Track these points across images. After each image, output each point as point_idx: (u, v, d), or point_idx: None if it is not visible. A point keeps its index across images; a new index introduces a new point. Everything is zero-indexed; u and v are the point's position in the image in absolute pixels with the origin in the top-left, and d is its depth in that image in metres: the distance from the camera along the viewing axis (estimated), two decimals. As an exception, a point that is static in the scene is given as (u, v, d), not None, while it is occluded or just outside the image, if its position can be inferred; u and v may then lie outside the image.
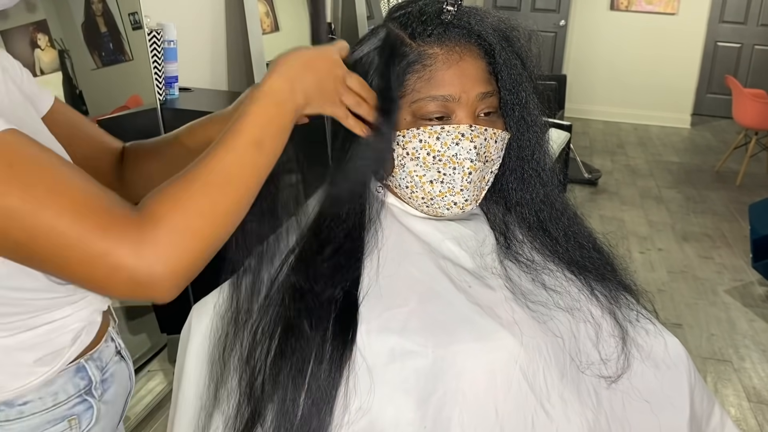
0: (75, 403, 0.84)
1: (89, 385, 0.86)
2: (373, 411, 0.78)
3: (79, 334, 0.84)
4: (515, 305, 0.88)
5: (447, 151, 0.87)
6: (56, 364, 0.81)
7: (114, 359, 0.92)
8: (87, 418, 0.86)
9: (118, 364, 0.93)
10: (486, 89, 0.88)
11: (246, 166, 0.72)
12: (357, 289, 0.82)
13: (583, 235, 0.98)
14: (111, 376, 0.90)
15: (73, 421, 0.84)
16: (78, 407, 0.85)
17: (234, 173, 0.71)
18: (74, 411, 0.84)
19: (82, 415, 0.85)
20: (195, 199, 0.68)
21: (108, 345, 0.91)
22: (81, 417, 0.85)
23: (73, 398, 0.84)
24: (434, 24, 0.88)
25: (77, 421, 0.84)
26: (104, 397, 0.89)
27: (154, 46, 2.18)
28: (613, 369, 0.92)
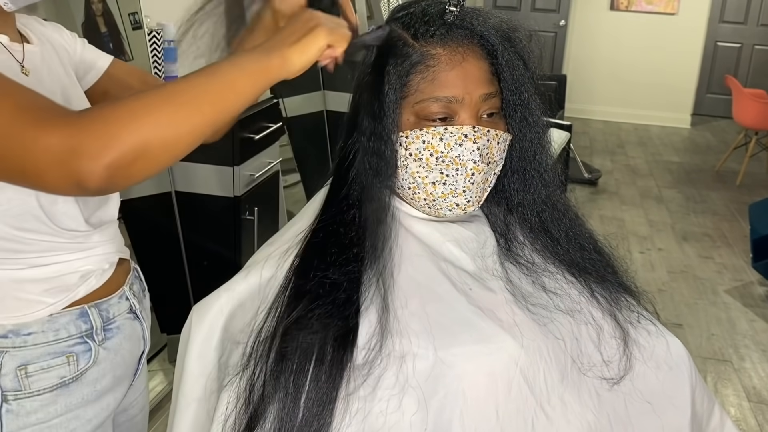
0: (75, 343, 0.92)
1: (90, 330, 0.94)
2: (374, 413, 0.78)
3: (87, 276, 0.92)
4: (516, 307, 0.88)
5: (450, 152, 0.87)
6: (62, 298, 0.90)
7: (125, 315, 0.99)
8: (85, 359, 0.94)
9: (129, 321, 1.00)
10: (489, 90, 0.88)
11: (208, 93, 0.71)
12: (358, 291, 0.82)
13: (585, 237, 0.98)
14: (117, 328, 0.98)
15: (71, 357, 0.92)
16: (77, 347, 0.93)
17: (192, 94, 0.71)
18: (73, 350, 0.92)
19: (81, 354, 0.93)
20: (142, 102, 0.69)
21: (120, 301, 0.99)
22: (79, 356, 0.93)
23: (74, 338, 0.92)
24: (437, 24, 0.87)
25: (75, 359, 0.92)
26: (105, 343, 0.96)
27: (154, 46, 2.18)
28: (615, 371, 0.91)
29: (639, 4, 7.12)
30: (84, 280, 0.92)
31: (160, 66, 2.23)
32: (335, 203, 0.88)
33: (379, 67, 0.87)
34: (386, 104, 0.86)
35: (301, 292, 0.82)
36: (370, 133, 0.86)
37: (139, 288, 1.07)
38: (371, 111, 0.86)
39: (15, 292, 0.87)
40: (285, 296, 0.82)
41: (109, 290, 0.97)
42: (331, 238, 0.85)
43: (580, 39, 7.29)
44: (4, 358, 0.87)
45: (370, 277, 0.83)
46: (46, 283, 0.88)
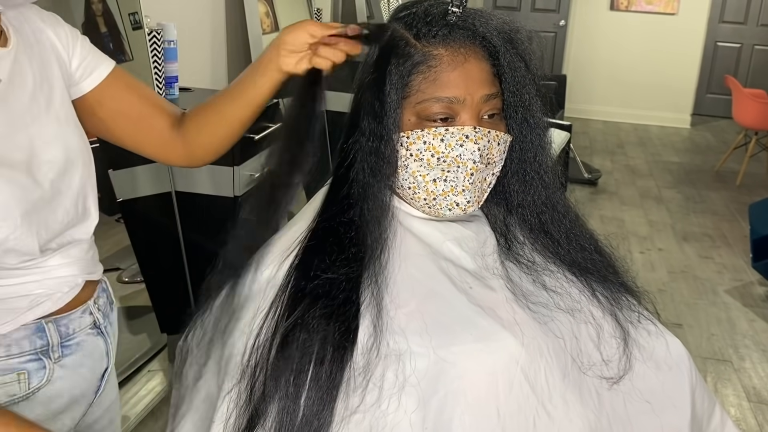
0: (28, 359, 0.87)
1: (46, 347, 0.88)
2: (374, 411, 0.78)
3: (39, 300, 0.86)
4: (516, 306, 0.88)
5: (451, 152, 0.87)
6: (8, 320, 0.83)
7: (87, 330, 0.94)
8: (38, 377, 0.88)
9: (91, 337, 0.95)
10: (490, 91, 0.88)
11: None
12: (358, 291, 0.82)
13: (585, 237, 0.98)
14: (77, 345, 0.92)
15: (22, 375, 0.86)
16: (30, 364, 0.87)
17: None
18: (26, 367, 0.87)
19: (33, 372, 0.87)
20: None
21: (83, 316, 0.93)
22: (31, 374, 0.87)
23: (26, 354, 0.86)
24: (439, 25, 0.88)
25: (26, 377, 0.87)
26: (63, 360, 0.90)
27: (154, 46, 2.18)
28: (615, 370, 0.92)
29: (639, 4, 7.12)
30: (35, 303, 0.86)
31: (160, 66, 2.23)
32: (335, 203, 0.88)
33: (381, 67, 0.87)
34: (387, 104, 0.86)
35: (300, 292, 0.81)
36: (371, 133, 0.86)
37: (106, 302, 1.01)
38: (372, 111, 0.86)
39: None
40: (285, 296, 0.82)
41: (70, 306, 0.91)
42: (330, 238, 0.85)
43: (580, 39, 7.29)
44: None
45: (370, 277, 0.83)
46: None
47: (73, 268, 0.91)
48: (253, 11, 2.73)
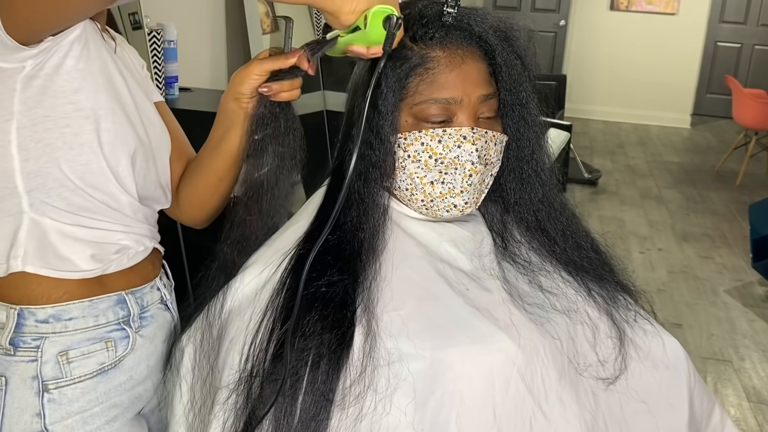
0: (113, 329, 0.93)
1: (128, 317, 0.95)
2: (371, 414, 0.78)
3: (122, 252, 0.94)
4: (513, 307, 0.88)
5: (448, 153, 0.87)
6: (95, 268, 0.91)
7: (157, 305, 1.01)
8: (123, 345, 0.95)
9: (161, 311, 1.02)
10: (487, 91, 0.88)
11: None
12: (354, 292, 0.82)
13: (582, 235, 0.98)
14: (151, 317, 0.99)
15: (109, 343, 0.93)
16: (115, 333, 0.94)
17: None
18: (112, 335, 0.93)
19: (119, 341, 0.94)
20: None
21: (152, 291, 1.01)
22: (117, 342, 0.94)
23: (111, 324, 0.93)
24: (435, 27, 0.87)
25: (113, 345, 0.93)
26: (141, 331, 0.97)
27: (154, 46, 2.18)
28: (611, 370, 0.92)
29: (639, 4, 7.12)
30: (118, 255, 0.93)
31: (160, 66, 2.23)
32: (332, 204, 0.88)
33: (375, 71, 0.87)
34: (384, 106, 0.86)
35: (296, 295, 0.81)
36: (368, 134, 0.86)
37: (168, 282, 1.08)
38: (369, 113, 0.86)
39: (58, 244, 0.88)
40: (281, 299, 0.82)
41: (142, 278, 0.98)
42: (327, 240, 0.85)
43: (580, 39, 7.29)
44: (44, 345, 0.88)
45: (366, 279, 0.83)
46: (86, 246, 0.90)
47: (146, 229, 0.99)
48: (253, 11, 2.73)
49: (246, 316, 0.84)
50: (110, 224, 0.92)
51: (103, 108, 0.85)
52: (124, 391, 0.95)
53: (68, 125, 0.83)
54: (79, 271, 0.89)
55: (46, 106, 0.81)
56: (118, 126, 0.88)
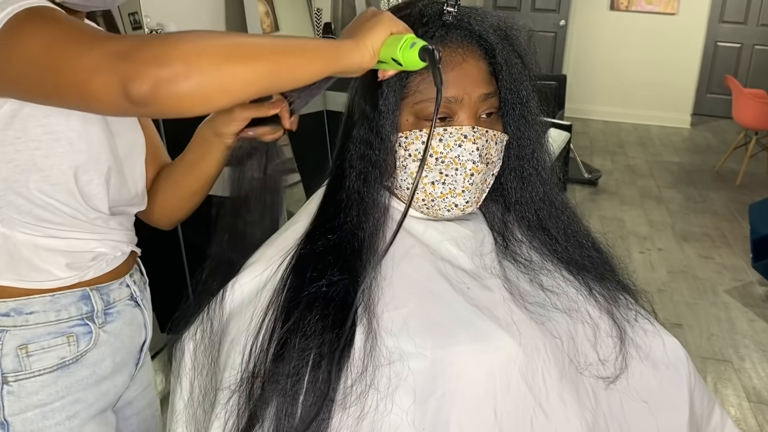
0: (75, 324, 0.93)
1: (91, 312, 0.95)
2: (372, 412, 0.78)
3: (99, 259, 0.95)
4: (513, 306, 0.88)
5: (449, 152, 0.87)
6: (72, 275, 0.91)
7: (126, 301, 1.01)
8: (85, 340, 0.94)
9: (129, 307, 1.02)
10: (488, 90, 0.88)
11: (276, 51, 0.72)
12: (355, 292, 0.82)
13: (582, 234, 0.99)
14: (117, 313, 0.99)
15: (71, 338, 0.93)
16: (78, 328, 0.94)
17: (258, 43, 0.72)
18: (74, 330, 0.93)
19: (81, 336, 0.94)
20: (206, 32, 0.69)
21: (121, 288, 1.00)
22: (79, 337, 0.94)
23: (74, 319, 0.93)
24: (436, 26, 0.87)
25: (75, 340, 0.93)
26: (106, 327, 0.97)
27: (154, 46, 2.18)
28: (611, 369, 0.92)
29: (639, 4, 7.12)
30: (95, 262, 0.94)
31: (160, 66, 2.23)
32: (333, 204, 0.88)
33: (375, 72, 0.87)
34: (385, 106, 0.86)
35: (297, 295, 0.81)
36: (368, 133, 0.86)
37: (141, 279, 1.08)
38: (369, 112, 0.86)
39: (31, 256, 0.88)
40: (282, 298, 0.82)
41: (111, 276, 0.98)
42: (327, 239, 0.85)
43: (580, 39, 7.29)
44: (4, 337, 0.88)
45: (367, 279, 0.83)
46: (61, 256, 0.90)
47: (123, 235, 0.99)
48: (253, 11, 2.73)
49: (247, 316, 0.84)
50: (84, 234, 0.92)
51: (74, 130, 0.84)
52: (87, 386, 0.95)
53: (38, 147, 0.82)
54: (57, 280, 0.90)
55: (16, 128, 0.81)
56: (91, 146, 0.87)
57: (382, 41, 0.79)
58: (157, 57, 0.65)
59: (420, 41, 0.79)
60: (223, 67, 0.68)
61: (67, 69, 0.68)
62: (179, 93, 0.66)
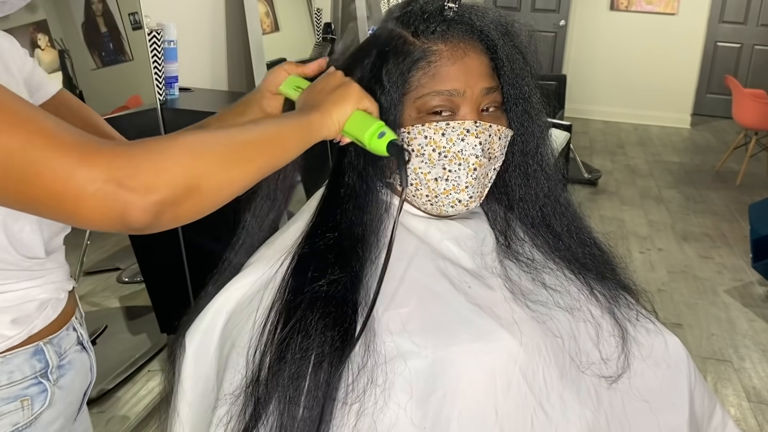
0: (29, 384, 0.85)
1: (45, 368, 0.87)
2: (373, 411, 0.78)
3: (44, 305, 0.86)
4: (515, 305, 0.88)
5: (452, 147, 0.87)
6: (20, 331, 0.83)
7: (74, 348, 0.93)
8: (40, 401, 0.86)
9: (78, 354, 0.94)
10: (490, 84, 0.88)
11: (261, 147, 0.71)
12: (356, 293, 0.82)
13: (585, 232, 0.99)
14: (69, 363, 0.92)
15: (25, 401, 0.85)
16: (32, 389, 0.85)
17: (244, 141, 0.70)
18: (28, 392, 0.85)
19: (35, 397, 0.86)
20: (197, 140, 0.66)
21: (69, 333, 0.92)
22: (34, 399, 0.86)
23: (28, 379, 0.85)
24: (437, 21, 0.88)
25: (29, 402, 0.85)
26: (59, 382, 0.89)
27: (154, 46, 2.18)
28: (614, 369, 0.92)
29: (639, 4, 7.12)
30: (42, 309, 0.86)
31: (160, 66, 2.23)
32: (333, 203, 0.88)
33: (379, 66, 0.87)
34: (387, 102, 0.86)
35: (298, 295, 0.81)
36: None
37: (81, 315, 0.99)
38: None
39: None
40: (283, 299, 0.82)
41: (60, 322, 0.90)
42: (328, 237, 0.85)
43: (580, 39, 7.29)
44: None
45: (367, 277, 0.83)
46: (3, 313, 0.82)
47: (61, 273, 0.91)
48: (253, 11, 2.73)
49: (248, 317, 0.84)
50: (21, 283, 0.84)
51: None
52: None
53: None
54: (6, 340, 0.82)
55: None
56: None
57: (347, 116, 0.81)
58: (155, 184, 0.61)
59: (389, 132, 0.81)
60: (221, 178, 0.67)
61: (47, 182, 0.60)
62: (179, 215, 0.65)
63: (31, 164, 0.59)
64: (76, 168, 0.59)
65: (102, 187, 0.59)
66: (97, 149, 0.61)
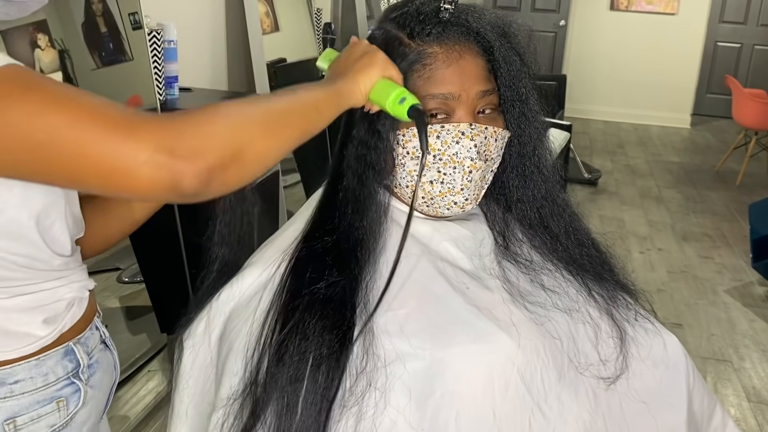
0: (63, 385, 0.87)
1: (77, 368, 0.88)
2: (371, 413, 0.78)
3: (72, 303, 0.88)
4: (513, 306, 0.88)
5: (447, 149, 0.86)
6: (51, 331, 0.84)
7: (99, 347, 0.94)
8: (74, 401, 0.88)
9: (103, 352, 0.95)
10: (486, 87, 0.88)
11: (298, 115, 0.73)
12: (354, 294, 0.82)
13: (583, 233, 0.98)
14: (96, 362, 0.93)
15: (61, 402, 0.86)
16: (66, 389, 0.87)
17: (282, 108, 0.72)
18: (62, 393, 0.86)
19: (70, 397, 0.87)
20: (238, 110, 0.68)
21: (93, 332, 0.93)
22: (69, 399, 0.87)
23: (61, 380, 0.86)
24: (433, 23, 0.87)
25: (65, 403, 0.87)
26: (90, 381, 0.91)
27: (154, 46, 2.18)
28: (612, 370, 0.91)
29: (639, 4, 7.12)
30: (69, 308, 0.87)
31: (160, 66, 2.23)
32: (331, 205, 0.88)
33: None
34: None
35: (297, 297, 0.81)
36: (367, 132, 0.86)
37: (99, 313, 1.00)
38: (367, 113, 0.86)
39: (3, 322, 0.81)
40: (282, 301, 0.82)
41: (86, 321, 0.91)
42: (326, 239, 0.85)
43: (580, 39, 7.29)
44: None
45: (365, 278, 0.83)
46: (35, 313, 0.83)
47: (82, 273, 0.92)
48: (253, 11, 2.73)
49: (246, 319, 0.84)
50: (49, 282, 0.85)
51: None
52: None
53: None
54: (39, 341, 0.83)
55: None
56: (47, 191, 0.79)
57: (373, 83, 0.82)
58: (202, 150, 0.63)
59: (411, 97, 0.83)
60: (263, 144, 0.69)
61: (95, 157, 0.61)
62: (227, 181, 0.66)
63: (79, 141, 0.61)
64: (124, 141, 0.61)
65: (151, 157, 0.60)
66: (143, 120, 0.62)
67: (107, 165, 0.61)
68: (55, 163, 0.63)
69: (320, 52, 3.43)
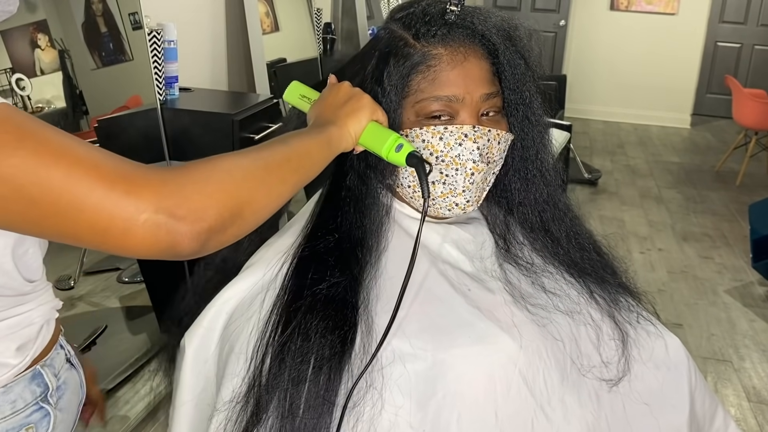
0: (32, 411, 0.84)
1: (45, 392, 0.86)
2: (373, 414, 0.78)
3: (42, 327, 0.86)
4: (515, 308, 0.88)
5: (450, 151, 0.86)
6: (25, 357, 0.82)
7: (65, 366, 0.92)
8: (44, 426, 0.85)
9: (69, 372, 0.93)
10: (490, 90, 0.88)
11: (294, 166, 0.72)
12: (356, 293, 0.82)
13: (584, 236, 0.98)
14: (64, 384, 0.91)
15: (30, 429, 0.84)
16: (35, 415, 0.85)
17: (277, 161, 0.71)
18: (31, 419, 0.84)
19: (39, 423, 0.85)
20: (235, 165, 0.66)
21: (59, 352, 0.91)
22: (38, 425, 0.85)
23: (30, 406, 0.84)
24: (438, 24, 0.87)
25: (34, 430, 0.84)
26: (59, 404, 0.89)
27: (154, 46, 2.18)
28: (614, 372, 0.91)
29: (639, 4, 7.12)
30: (40, 332, 0.85)
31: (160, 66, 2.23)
32: (333, 205, 0.88)
33: (380, 68, 0.87)
34: (387, 104, 0.86)
35: (298, 298, 0.81)
36: None
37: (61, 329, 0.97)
38: None
39: None
40: (283, 302, 0.82)
41: (52, 342, 0.89)
42: (328, 240, 0.85)
43: (580, 39, 7.29)
44: None
45: (366, 279, 0.83)
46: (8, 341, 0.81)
47: (50, 293, 0.90)
48: (253, 11, 2.73)
49: (248, 320, 0.84)
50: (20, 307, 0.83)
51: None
52: None
53: None
54: (12, 369, 0.81)
55: None
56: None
57: (363, 128, 0.82)
58: (203, 213, 0.60)
59: (406, 144, 0.82)
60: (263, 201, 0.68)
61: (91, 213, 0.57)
62: (225, 240, 0.64)
63: (74, 197, 0.57)
64: (123, 199, 0.57)
65: (151, 218, 0.58)
66: (141, 176, 0.59)
67: (104, 223, 0.58)
68: (48, 218, 0.58)
69: (320, 52, 3.42)
